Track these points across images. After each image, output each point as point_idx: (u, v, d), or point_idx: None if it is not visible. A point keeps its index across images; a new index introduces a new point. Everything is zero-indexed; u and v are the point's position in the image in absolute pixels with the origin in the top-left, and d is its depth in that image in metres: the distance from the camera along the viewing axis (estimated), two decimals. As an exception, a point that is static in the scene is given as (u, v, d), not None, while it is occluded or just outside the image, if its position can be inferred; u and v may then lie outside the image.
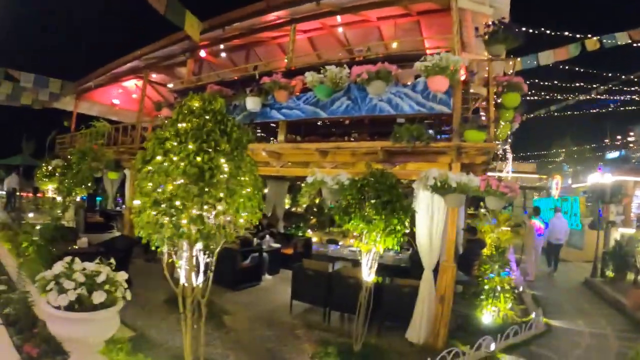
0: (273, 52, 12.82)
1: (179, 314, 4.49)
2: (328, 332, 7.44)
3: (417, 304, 7.17)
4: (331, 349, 6.06)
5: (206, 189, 4.09)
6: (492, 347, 6.73)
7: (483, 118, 8.71)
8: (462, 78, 7.89)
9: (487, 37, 7.51)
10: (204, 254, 4.52)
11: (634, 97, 21.44)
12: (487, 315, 7.95)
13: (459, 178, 6.53)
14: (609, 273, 12.68)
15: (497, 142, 9.83)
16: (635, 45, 13.41)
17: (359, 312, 6.21)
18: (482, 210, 12.30)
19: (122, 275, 4.36)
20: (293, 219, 18.51)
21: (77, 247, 9.17)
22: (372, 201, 5.92)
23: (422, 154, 7.73)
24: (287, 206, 19.92)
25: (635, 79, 19.42)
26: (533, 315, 8.54)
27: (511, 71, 10.54)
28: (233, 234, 4.58)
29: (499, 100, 8.27)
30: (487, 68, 8.83)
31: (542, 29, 13.62)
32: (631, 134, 31.85)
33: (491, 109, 7.80)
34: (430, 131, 7.85)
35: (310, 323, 7.87)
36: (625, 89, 20.54)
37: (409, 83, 7.73)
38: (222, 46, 12.36)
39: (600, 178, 14.74)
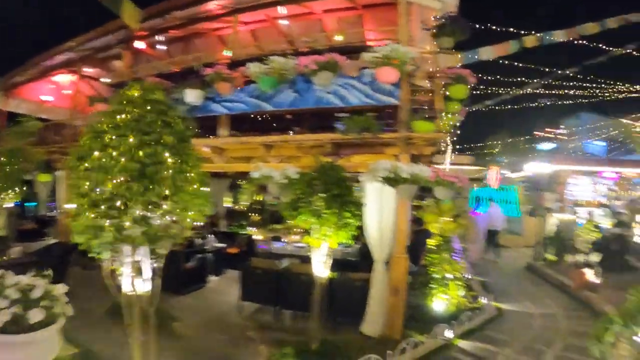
0: (214, 44, 12.36)
1: (125, 325, 4.12)
2: (282, 331, 7.26)
3: (371, 297, 7.09)
4: (288, 349, 5.83)
5: (150, 187, 3.75)
6: (448, 334, 6.81)
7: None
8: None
9: (435, 30, 7.52)
10: (150, 259, 4.12)
11: (566, 91, 22.37)
12: (439, 303, 8.00)
13: (411, 169, 6.47)
14: (550, 256, 13.18)
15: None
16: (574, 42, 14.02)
17: (313, 310, 6.04)
18: (426, 201, 12.50)
19: (61, 288, 3.77)
20: (235, 217, 18.08)
21: (8, 258, 8.50)
22: (322, 195, 5.71)
23: (370, 146, 7.64)
24: (228, 204, 19.45)
25: (569, 75, 20.21)
26: (484, 300, 8.70)
27: (459, 65, 10.65)
28: (181, 235, 4.24)
29: (445, 93, 8.33)
30: (429, 62, 8.86)
31: (488, 24, 13.86)
32: (562, 127, 33.45)
33: (438, 100, 7.82)
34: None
35: (262, 324, 7.64)
36: (558, 83, 21.39)
37: (355, 75, 7.61)
38: (160, 37, 11.77)
39: (537, 168, 15.27)
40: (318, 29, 11.08)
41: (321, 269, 6.00)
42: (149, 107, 4.00)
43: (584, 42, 15.44)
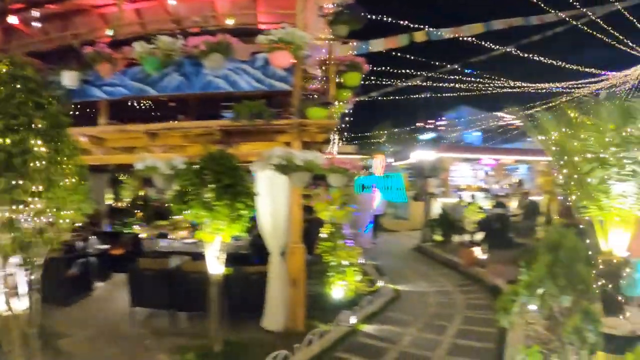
0: (95, 22, 11.10)
1: (4, 351, 3.40)
2: (180, 336, 6.58)
3: (269, 291, 6.73)
4: (190, 355, 5.32)
5: (18, 182, 3.14)
6: (352, 320, 6.72)
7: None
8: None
9: (331, 17, 7.27)
10: (25, 270, 3.43)
11: (446, 85, 23.69)
12: (338, 290, 7.91)
13: (304, 156, 6.19)
14: (438, 237, 13.81)
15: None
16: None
17: (210, 310, 5.57)
18: (316, 190, 12.43)
19: None
20: (118, 215, 16.68)
21: None
22: (212, 186, 5.27)
23: (261, 134, 7.28)
24: (110, 201, 17.96)
25: (453, 70, 21.37)
26: (380, 283, 8.78)
27: (350, 53, 10.63)
28: (58, 239, 3.61)
29: (338, 80, 8.19)
30: (324, 49, 8.67)
31: (382, 16, 14.02)
32: (443, 118, 35.77)
33: (332, 87, 7.67)
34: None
35: (158, 330, 6.91)
36: (440, 76, 22.57)
37: (246, 59, 7.17)
38: (36, 13, 10.28)
39: (423, 155, 15.88)
40: (209, 10, 10.42)
41: (215, 265, 5.56)
42: (18, 86, 3.34)
43: (472, 40, 16.24)
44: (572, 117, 5.46)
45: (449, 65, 20.87)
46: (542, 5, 16.23)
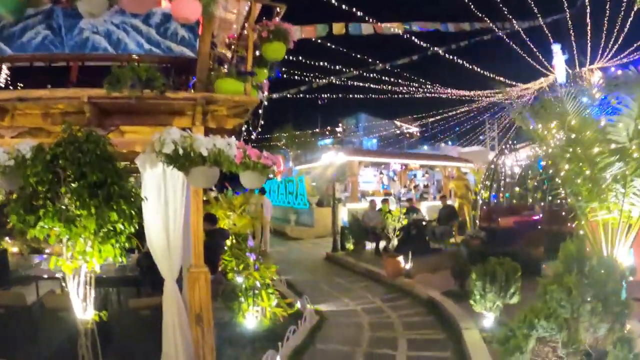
0: None
1: None
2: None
3: (165, 331, 4.77)
4: None
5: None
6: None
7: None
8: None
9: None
10: None
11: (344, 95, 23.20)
12: (251, 318, 6.24)
13: (213, 143, 4.21)
14: (350, 245, 12.68)
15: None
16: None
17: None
18: (213, 194, 10.83)
19: None
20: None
21: None
22: (74, 184, 3.53)
23: (151, 113, 5.21)
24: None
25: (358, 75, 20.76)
26: (299, 304, 7.30)
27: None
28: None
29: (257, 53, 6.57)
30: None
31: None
32: (340, 125, 35.52)
33: (250, 56, 6.02)
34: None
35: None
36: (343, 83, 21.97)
37: (139, 13, 5.37)
38: None
39: (331, 158, 14.74)
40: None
41: (82, 306, 3.81)
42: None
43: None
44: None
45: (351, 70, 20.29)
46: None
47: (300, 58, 18.45)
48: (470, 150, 32.39)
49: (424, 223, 12.25)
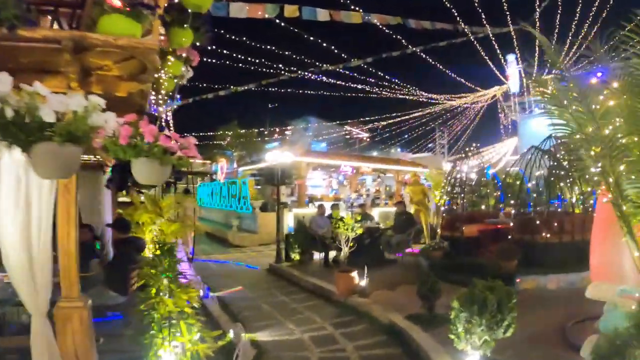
0: None
1: None
2: None
3: None
4: None
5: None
6: None
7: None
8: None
9: None
10: None
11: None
12: (168, 357, 4.59)
13: (66, 101, 2.49)
14: (295, 256, 11.20)
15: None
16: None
17: None
18: (134, 194, 9.21)
19: None
20: None
21: None
22: None
23: (8, 68, 3.19)
24: None
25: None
26: (231, 334, 5.73)
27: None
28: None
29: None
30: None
31: None
32: (289, 127, 34.22)
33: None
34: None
35: None
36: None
37: None
38: None
39: (278, 158, 13.21)
40: None
41: None
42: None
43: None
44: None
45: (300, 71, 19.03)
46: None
47: (249, 50, 17.05)
48: (422, 156, 31.79)
49: (379, 231, 10.99)
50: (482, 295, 4.31)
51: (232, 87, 20.98)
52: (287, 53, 18.36)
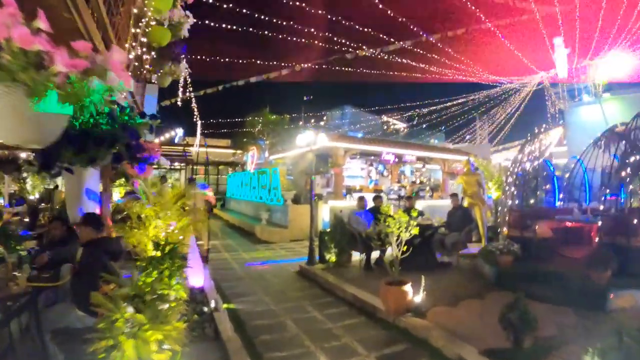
0: None
1: None
2: None
3: None
4: None
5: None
6: None
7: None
8: None
9: None
10: None
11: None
12: None
13: None
14: (331, 257, 9.51)
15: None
16: None
17: None
18: (143, 185, 7.74)
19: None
20: None
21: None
22: None
23: None
24: None
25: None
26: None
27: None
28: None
29: None
30: None
31: None
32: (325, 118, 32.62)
33: None
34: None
35: None
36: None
37: None
38: None
39: (307, 141, 11.51)
40: None
41: None
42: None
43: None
44: None
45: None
46: None
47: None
48: (464, 146, 29.57)
49: (432, 230, 9.17)
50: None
51: (265, 74, 19.39)
52: (319, 34, 16.54)
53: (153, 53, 5.54)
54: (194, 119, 22.95)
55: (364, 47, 17.76)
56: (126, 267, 4.57)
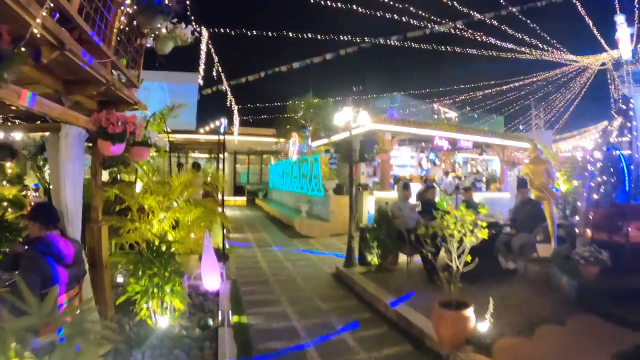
0: None
1: None
2: None
3: None
4: None
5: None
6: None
7: None
8: None
9: None
10: None
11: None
12: None
13: None
14: (373, 259, 8.11)
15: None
16: None
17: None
18: None
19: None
20: None
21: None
22: None
23: None
24: None
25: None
26: None
27: None
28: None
29: None
30: None
31: None
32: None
33: None
34: None
35: None
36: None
37: None
38: None
39: (342, 119, 9.92)
40: None
41: None
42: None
43: None
44: None
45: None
46: None
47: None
48: (522, 134, 27.26)
49: (498, 229, 7.55)
50: None
51: (308, 59, 18.08)
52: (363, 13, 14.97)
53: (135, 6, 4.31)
54: (230, 106, 22.01)
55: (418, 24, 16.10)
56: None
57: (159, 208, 5.98)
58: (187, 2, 5.57)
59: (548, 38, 20.63)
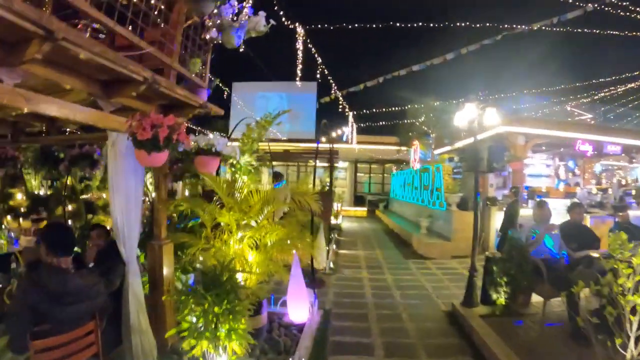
0: None
1: None
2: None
3: None
4: None
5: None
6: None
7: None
8: None
9: None
10: None
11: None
12: None
13: None
14: (500, 298, 6.43)
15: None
16: None
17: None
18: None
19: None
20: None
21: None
22: None
23: None
24: None
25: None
26: None
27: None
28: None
29: None
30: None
31: None
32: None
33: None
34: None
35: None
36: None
37: None
38: None
39: (463, 118, 8.07)
40: None
41: None
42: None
43: None
44: None
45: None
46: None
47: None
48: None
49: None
50: None
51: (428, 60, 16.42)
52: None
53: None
54: (345, 114, 21.17)
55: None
56: None
57: (237, 227, 5.02)
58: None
59: None
